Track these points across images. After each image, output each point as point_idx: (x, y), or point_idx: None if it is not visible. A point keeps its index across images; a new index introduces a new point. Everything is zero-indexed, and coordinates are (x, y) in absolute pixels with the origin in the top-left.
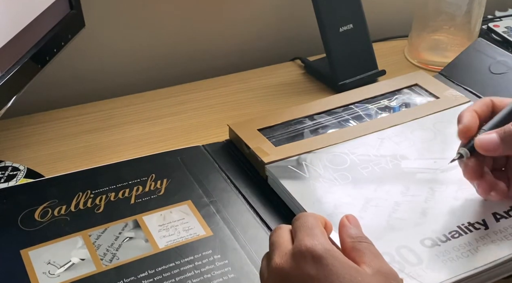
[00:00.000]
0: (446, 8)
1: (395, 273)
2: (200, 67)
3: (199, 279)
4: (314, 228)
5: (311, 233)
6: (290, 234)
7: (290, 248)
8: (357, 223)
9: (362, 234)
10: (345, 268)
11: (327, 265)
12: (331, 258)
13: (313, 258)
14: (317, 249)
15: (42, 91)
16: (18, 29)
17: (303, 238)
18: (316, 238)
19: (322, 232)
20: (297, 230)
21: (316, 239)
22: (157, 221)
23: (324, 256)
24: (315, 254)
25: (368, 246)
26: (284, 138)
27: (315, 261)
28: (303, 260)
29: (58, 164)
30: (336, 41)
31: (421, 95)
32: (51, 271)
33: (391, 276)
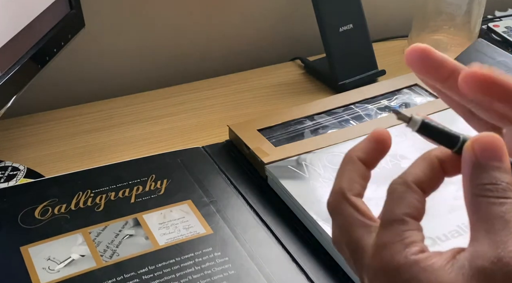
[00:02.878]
0: (446, 8)
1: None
2: (200, 67)
3: (200, 275)
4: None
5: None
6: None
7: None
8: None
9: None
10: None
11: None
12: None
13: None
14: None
15: (42, 91)
16: (18, 29)
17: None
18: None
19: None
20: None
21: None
22: (157, 219)
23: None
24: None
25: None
26: (284, 139)
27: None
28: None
29: (58, 164)
30: (336, 41)
31: (421, 95)
32: (51, 266)
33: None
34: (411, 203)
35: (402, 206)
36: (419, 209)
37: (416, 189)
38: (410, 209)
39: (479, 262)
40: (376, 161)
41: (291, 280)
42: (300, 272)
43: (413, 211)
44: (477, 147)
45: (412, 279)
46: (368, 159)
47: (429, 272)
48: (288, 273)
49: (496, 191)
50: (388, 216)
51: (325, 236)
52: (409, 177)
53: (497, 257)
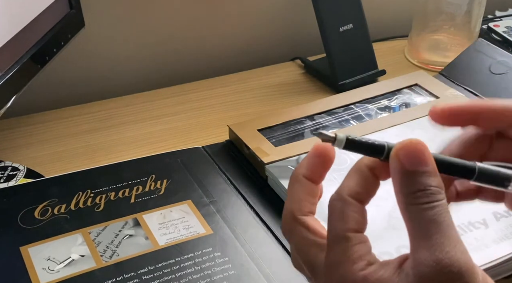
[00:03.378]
0: (446, 8)
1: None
2: (200, 67)
3: (199, 275)
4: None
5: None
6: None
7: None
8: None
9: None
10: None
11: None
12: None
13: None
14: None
15: (42, 91)
16: (17, 29)
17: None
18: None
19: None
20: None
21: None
22: (157, 220)
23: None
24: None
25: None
26: (284, 139)
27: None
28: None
29: (58, 164)
30: (336, 41)
31: (421, 95)
32: (50, 267)
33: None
34: (351, 217)
35: (343, 223)
36: (360, 221)
37: (352, 202)
38: (351, 223)
39: (420, 268)
40: (322, 176)
41: (291, 280)
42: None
43: (354, 224)
44: (402, 155)
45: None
46: (313, 174)
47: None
48: (288, 273)
49: (426, 197)
50: (332, 234)
51: None
52: (344, 191)
53: (435, 260)
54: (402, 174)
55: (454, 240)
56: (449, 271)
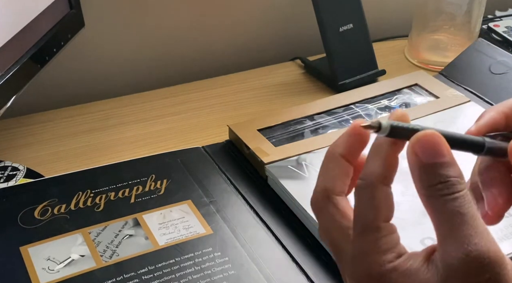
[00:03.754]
0: (446, 8)
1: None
2: (200, 67)
3: (199, 275)
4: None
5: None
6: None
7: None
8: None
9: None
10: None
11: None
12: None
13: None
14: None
15: (42, 91)
16: (17, 28)
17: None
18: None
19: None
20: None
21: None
22: (157, 220)
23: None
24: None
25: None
26: (284, 139)
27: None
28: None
29: (58, 164)
30: (336, 41)
31: (421, 95)
32: (50, 267)
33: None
34: (380, 205)
35: (373, 212)
36: (389, 209)
37: (381, 188)
38: (381, 211)
39: (449, 260)
40: (357, 155)
41: (291, 280)
42: (300, 272)
43: (384, 213)
44: (418, 148)
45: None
46: (349, 154)
47: (407, 276)
48: (288, 273)
49: (447, 189)
50: (361, 223)
51: None
52: (371, 177)
53: (464, 252)
54: (420, 168)
55: (481, 230)
56: (480, 263)
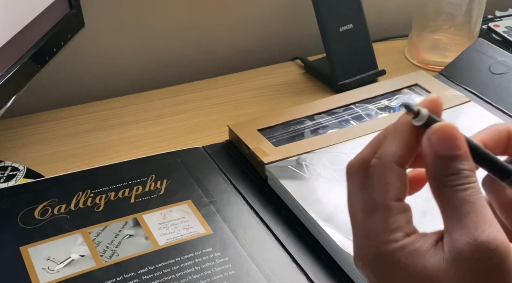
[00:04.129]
0: (446, 8)
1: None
2: (200, 67)
3: (199, 275)
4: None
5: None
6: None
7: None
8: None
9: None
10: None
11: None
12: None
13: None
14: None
15: (42, 91)
16: (17, 29)
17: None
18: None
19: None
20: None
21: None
22: (157, 220)
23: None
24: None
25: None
26: (284, 139)
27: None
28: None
29: (58, 164)
30: (336, 41)
31: (421, 95)
32: (50, 267)
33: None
34: (393, 185)
35: (384, 191)
36: (402, 189)
37: (395, 168)
38: (393, 192)
39: (456, 245)
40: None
41: (291, 280)
42: (300, 272)
43: (396, 193)
44: (434, 139)
45: (399, 263)
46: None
47: (415, 256)
48: (288, 273)
49: (458, 180)
50: (371, 202)
51: (325, 236)
52: (386, 157)
53: (472, 238)
54: (434, 158)
55: (489, 219)
56: (486, 249)
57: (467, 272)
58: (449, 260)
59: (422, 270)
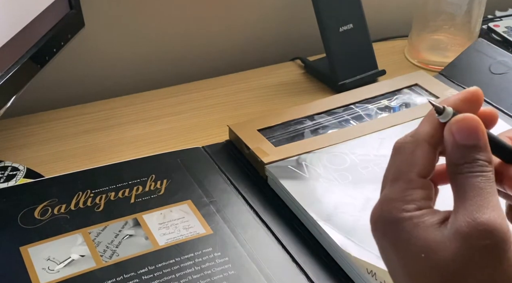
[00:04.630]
0: (446, 8)
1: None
2: (200, 67)
3: (199, 275)
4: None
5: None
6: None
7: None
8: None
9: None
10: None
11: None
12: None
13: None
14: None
15: (42, 91)
16: (17, 29)
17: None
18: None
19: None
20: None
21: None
22: (157, 220)
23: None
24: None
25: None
26: (284, 139)
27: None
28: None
29: (58, 164)
30: (336, 41)
31: (421, 95)
32: (50, 267)
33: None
34: (420, 160)
35: (409, 164)
36: (427, 167)
37: (425, 145)
38: (418, 167)
39: (457, 223)
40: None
41: (291, 280)
42: (300, 272)
43: (420, 167)
44: (455, 129)
45: (404, 231)
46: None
47: (419, 227)
48: (288, 273)
49: (472, 167)
50: (396, 171)
51: (325, 236)
52: (419, 135)
53: (473, 218)
54: (453, 146)
55: (494, 205)
56: (483, 229)
57: (463, 248)
58: (449, 235)
59: (423, 240)
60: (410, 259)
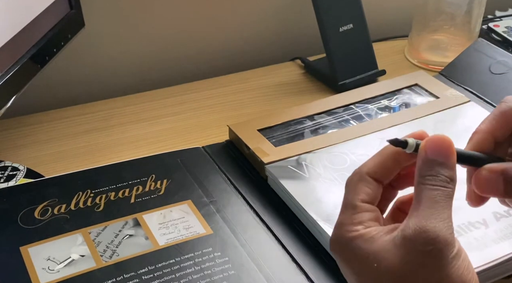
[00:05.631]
0: (446, 8)
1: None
2: (200, 67)
3: (199, 275)
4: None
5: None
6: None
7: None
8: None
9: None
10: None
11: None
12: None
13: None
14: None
15: (42, 91)
16: (17, 29)
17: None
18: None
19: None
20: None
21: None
22: (157, 220)
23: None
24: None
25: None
26: (284, 139)
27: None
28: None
29: (58, 164)
30: (336, 41)
31: (421, 95)
32: (50, 267)
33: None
34: (362, 189)
35: (354, 193)
36: (372, 195)
37: (367, 178)
38: (361, 195)
39: (406, 231)
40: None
41: (291, 280)
42: (300, 272)
43: (365, 196)
44: (428, 145)
45: (357, 248)
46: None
47: (369, 241)
48: (288, 273)
49: (433, 180)
50: (345, 202)
51: (325, 236)
52: (363, 169)
53: (420, 226)
54: (423, 161)
55: (444, 218)
56: (427, 236)
57: (409, 253)
58: (398, 241)
59: (374, 251)
60: (365, 271)
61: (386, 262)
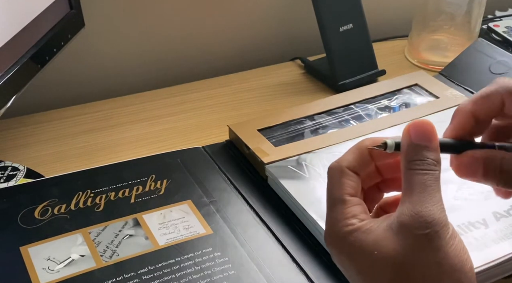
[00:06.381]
0: (446, 8)
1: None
2: (200, 67)
3: (199, 275)
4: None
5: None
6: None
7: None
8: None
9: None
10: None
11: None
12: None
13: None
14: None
15: (42, 91)
16: (17, 29)
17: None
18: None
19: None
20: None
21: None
22: (157, 220)
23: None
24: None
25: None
26: (284, 139)
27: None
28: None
29: (58, 164)
30: (336, 41)
31: (421, 95)
32: (50, 267)
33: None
34: (347, 184)
35: (341, 188)
36: (355, 187)
37: (349, 172)
38: (348, 189)
39: (402, 217)
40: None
41: (291, 280)
42: (300, 272)
43: (351, 190)
44: (411, 130)
45: (356, 240)
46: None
47: (367, 233)
48: (288, 273)
49: (422, 165)
50: (332, 198)
51: None
52: (343, 163)
53: (416, 211)
54: (408, 145)
55: (436, 201)
56: (424, 220)
57: (406, 238)
58: (395, 227)
59: (373, 240)
60: (365, 261)
61: (386, 249)
